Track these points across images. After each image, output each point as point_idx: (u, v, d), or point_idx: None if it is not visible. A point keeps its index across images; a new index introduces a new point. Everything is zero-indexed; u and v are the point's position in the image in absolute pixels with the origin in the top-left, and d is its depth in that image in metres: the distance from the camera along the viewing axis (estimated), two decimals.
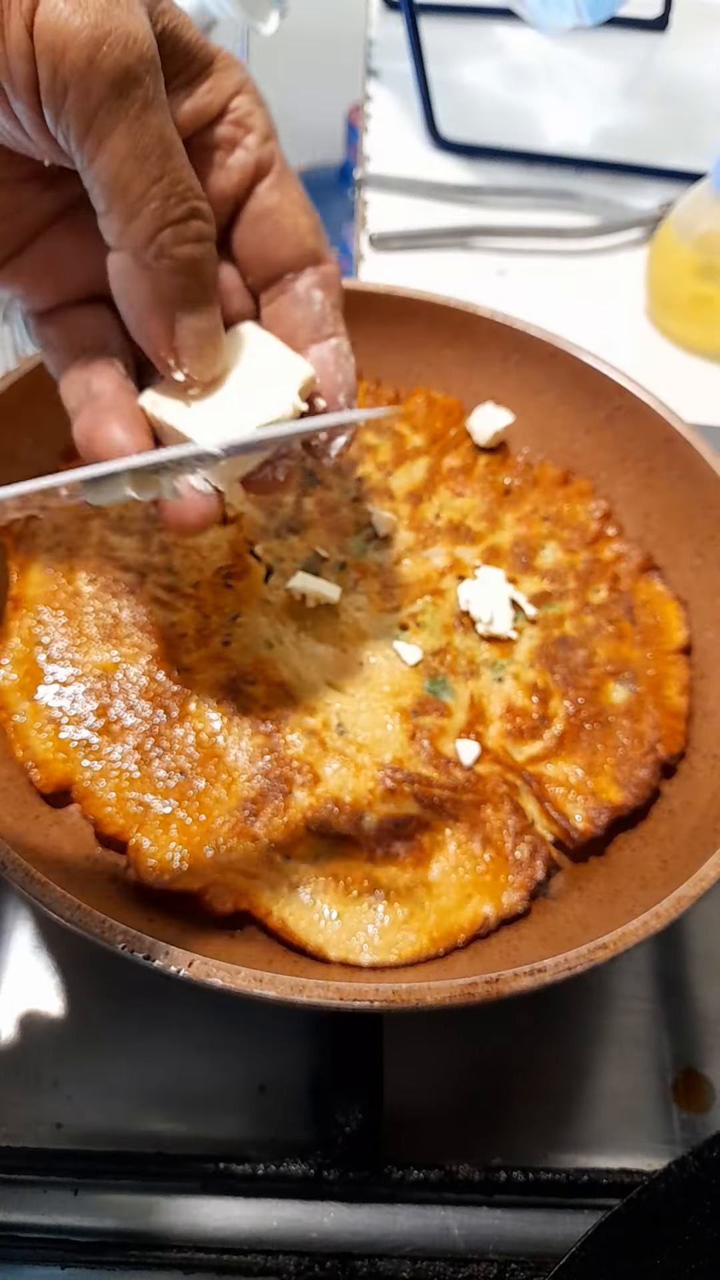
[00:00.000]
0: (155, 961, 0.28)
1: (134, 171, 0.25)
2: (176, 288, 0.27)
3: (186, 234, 0.26)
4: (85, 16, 0.23)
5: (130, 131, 0.24)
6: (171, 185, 0.25)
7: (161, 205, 0.25)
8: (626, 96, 0.83)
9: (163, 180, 0.25)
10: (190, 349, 0.28)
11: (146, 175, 0.25)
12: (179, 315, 0.27)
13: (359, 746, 0.37)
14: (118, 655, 0.37)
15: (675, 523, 0.43)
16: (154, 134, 0.25)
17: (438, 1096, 0.37)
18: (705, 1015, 0.39)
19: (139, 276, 0.26)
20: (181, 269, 0.26)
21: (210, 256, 0.27)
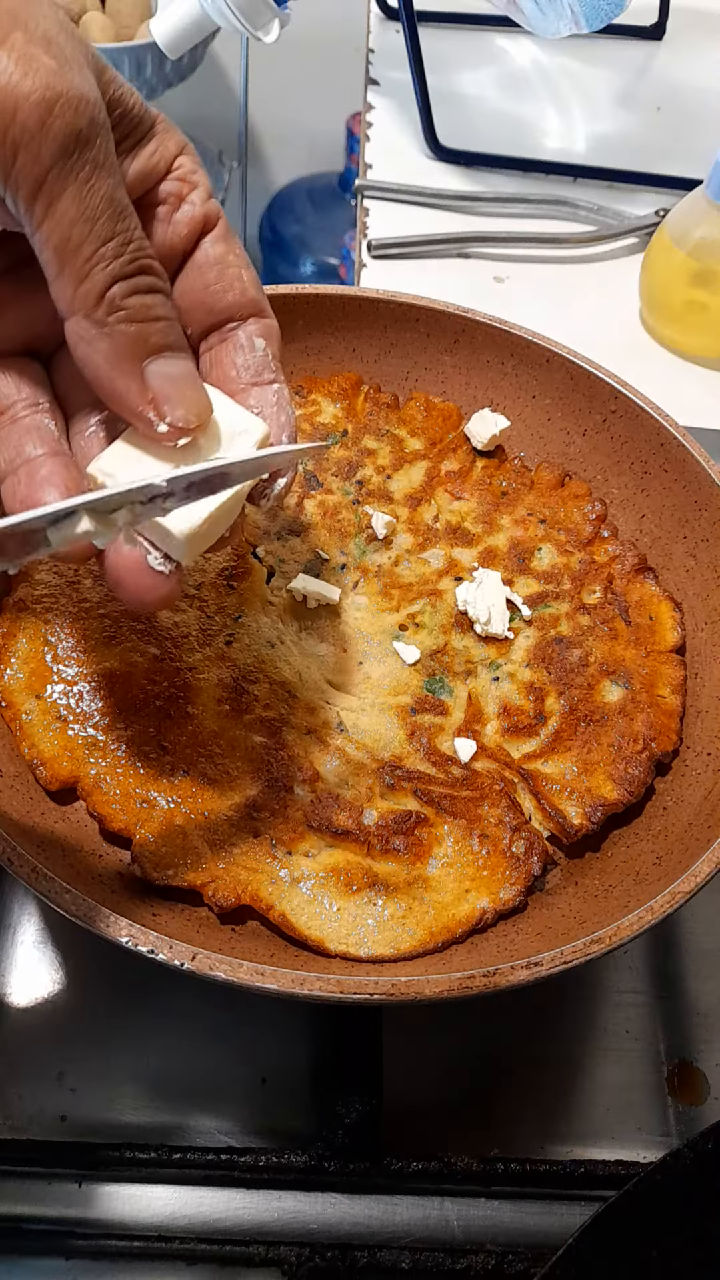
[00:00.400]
0: (159, 955, 0.28)
1: (83, 235, 0.25)
2: (136, 337, 0.26)
3: (138, 285, 0.26)
4: (36, 79, 0.23)
5: (79, 195, 0.24)
6: (121, 245, 0.25)
7: (111, 264, 0.25)
8: (622, 104, 0.84)
9: (112, 241, 0.25)
10: (169, 395, 0.27)
11: (96, 237, 0.25)
12: (147, 365, 0.26)
13: (359, 744, 0.37)
14: (123, 654, 0.37)
15: (669, 525, 0.44)
16: (104, 196, 0.25)
17: (436, 1089, 0.37)
18: (700, 1009, 0.39)
19: (96, 337, 0.26)
20: (137, 317, 0.26)
21: (165, 305, 0.27)
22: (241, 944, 0.33)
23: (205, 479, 0.27)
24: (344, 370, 0.50)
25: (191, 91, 1.27)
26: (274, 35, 0.60)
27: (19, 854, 0.30)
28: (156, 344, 0.27)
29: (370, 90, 0.81)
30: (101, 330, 0.26)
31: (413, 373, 0.50)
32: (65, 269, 0.25)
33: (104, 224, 0.25)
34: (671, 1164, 0.29)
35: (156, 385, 0.27)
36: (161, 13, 0.61)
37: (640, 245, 0.70)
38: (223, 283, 0.30)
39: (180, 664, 0.38)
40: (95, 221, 0.25)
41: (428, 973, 0.30)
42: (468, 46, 0.86)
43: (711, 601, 0.41)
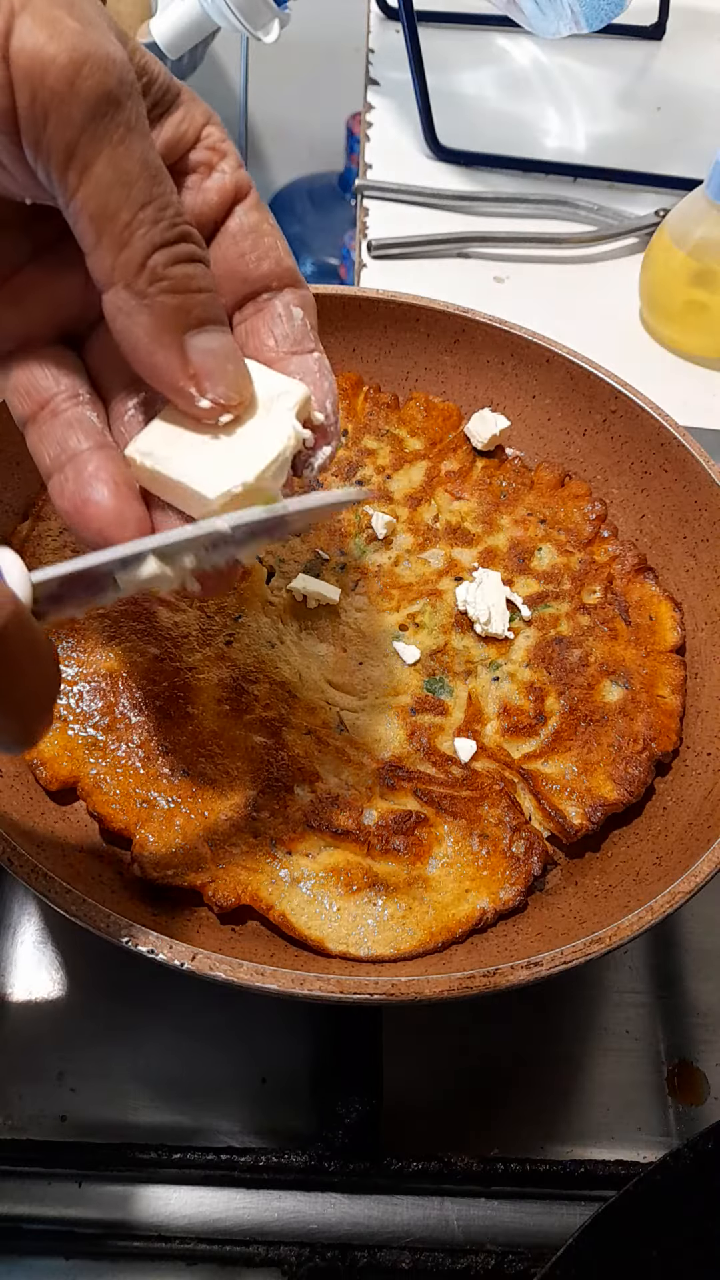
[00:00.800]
0: (159, 955, 0.28)
1: (121, 199, 0.24)
2: (179, 309, 0.25)
3: (179, 254, 0.25)
4: (62, 41, 0.22)
5: (114, 158, 0.23)
6: (160, 210, 0.24)
7: (150, 230, 0.24)
8: (622, 104, 0.84)
9: (150, 205, 0.24)
10: (211, 370, 0.26)
11: (134, 202, 0.24)
12: (188, 339, 0.26)
13: (359, 744, 0.37)
14: (123, 654, 0.37)
15: (669, 525, 0.44)
16: (138, 159, 0.24)
17: (436, 1089, 0.37)
18: (700, 1009, 0.39)
19: (137, 309, 0.25)
20: (179, 288, 0.25)
21: (207, 275, 0.26)
22: (241, 944, 0.33)
23: (265, 526, 0.26)
24: (344, 370, 0.50)
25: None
26: (274, 35, 0.60)
27: (19, 854, 0.30)
28: (199, 317, 0.26)
29: (370, 90, 0.81)
30: (142, 301, 0.25)
31: (413, 373, 0.50)
32: (103, 236, 0.24)
33: (141, 188, 0.24)
34: (671, 1164, 0.29)
35: (198, 360, 0.26)
36: (161, 13, 0.61)
37: (640, 245, 0.70)
38: (258, 251, 0.29)
39: (180, 664, 0.38)
40: (132, 185, 0.24)
41: (428, 973, 0.30)
42: (468, 46, 0.86)
43: (711, 601, 0.41)
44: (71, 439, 0.27)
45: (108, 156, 0.23)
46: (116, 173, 0.23)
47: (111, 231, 0.24)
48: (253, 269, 0.29)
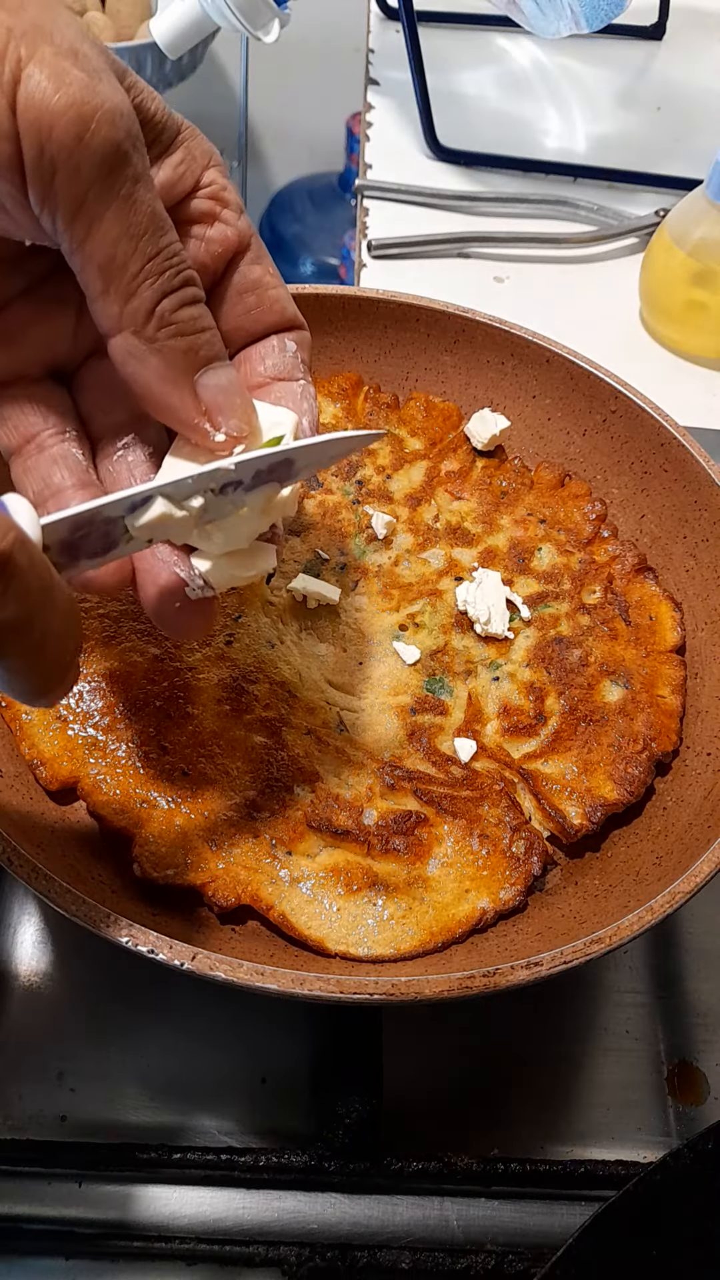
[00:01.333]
0: (159, 955, 0.28)
1: (128, 252, 0.24)
2: (187, 351, 0.26)
3: (185, 298, 0.26)
4: (69, 93, 0.22)
5: (122, 212, 0.24)
6: (166, 260, 0.25)
7: (157, 280, 0.25)
8: (622, 104, 0.84)
9: (157, 257, 0.25)
10: (222, 406, 0.27)
11: (142, 254, 0.24)
12: (199, 378, 0.26)
13: (359, 744, 0.37)
14: (123, 654, 0.37)
15: (669, 525, 0.44)
16: (145, 212, 0.24)
17: (436, 1089, 0.37)
18: (700, 1009, 0.39)
19: (146, 353, 0.26)
20: (186, 330, 0.26)
21: (209, 315, 0.27)
22: (241, 944, 0.33)
23: (271, 466, 0.27)
24: (344, 370, 0.50)
25: (191, 91, 1.27)
26: (274, 35, 0.60)
27: (19, 854, 0.30)
28: (205, 356, 0.27)
29: (370, 90, 0.81)
30: (152, 346, 0.26)
31: (413, 373, 0.50)
32: (111, 287, 0.25)
33: (148, 240, 0.24)
34: (671, 1164, 0.29)
35: (209, 397, 0.27)
36: (161, 13, 0.61)
37: (640, 245, 0.70)
38: (263, 306, 0.30)
39: (180, 664, 0.38)
40: (140, 239, 0.24)
41: (428, 973, 0.30)
42: (468, 46, 0.86)
43: (711, 601, 0.41)
44: (55, 475, 0.28)
45: (116, 210, 0.24)
46: (124, 226, 0.24)
47: (119, 282, 0.25)
48: (257, 323, 0.30)
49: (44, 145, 0.22)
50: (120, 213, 0.24)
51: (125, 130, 0.23)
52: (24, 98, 0.22)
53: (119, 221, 0.24)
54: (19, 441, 0.28)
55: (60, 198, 0.23)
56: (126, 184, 0.24)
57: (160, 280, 0.25)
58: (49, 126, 0.22)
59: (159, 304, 0.25)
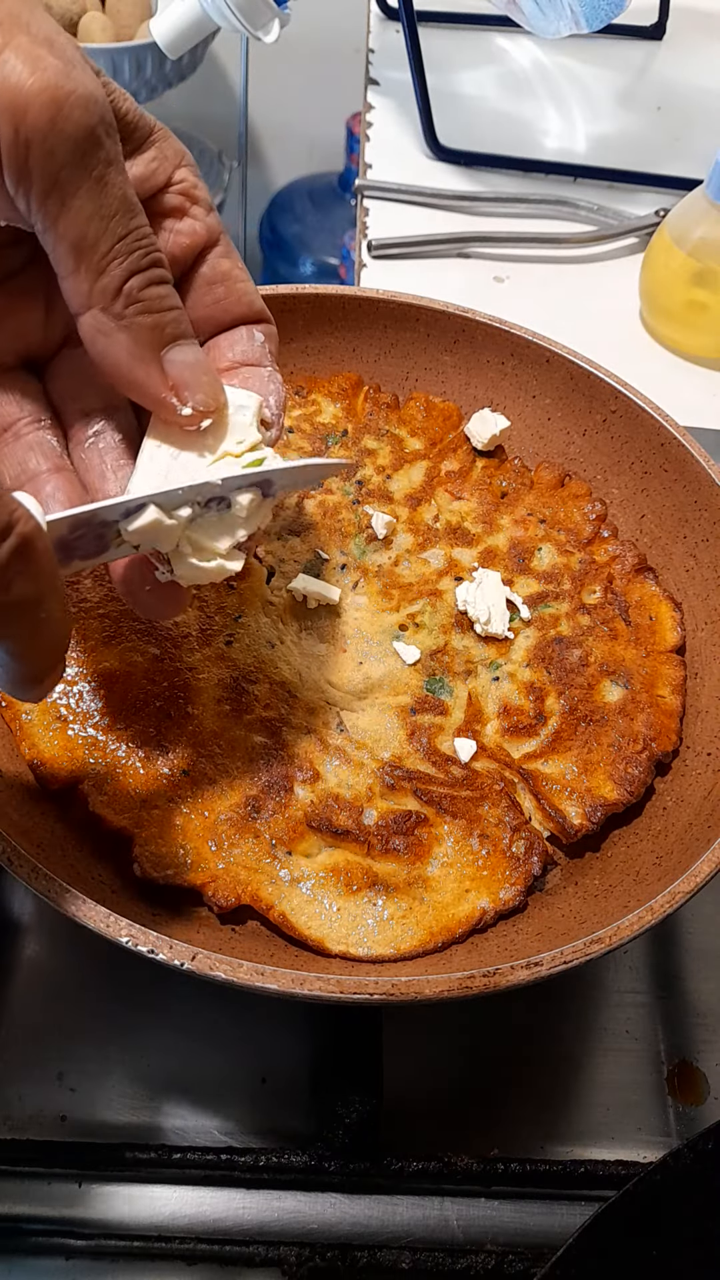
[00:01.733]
0: (159, 955, 0.28)
1: (99, 231, 0.25)
2: (154, 328, 0.27)
3: (152, 277, 0.27)
4: (44, 77, 0.23)
5: (94, 192, 0.25)
6: (135, 241, 0.26)
7: (126, 260, 0.26)
8: (622, 104, 0.84)
9: (127, 238, 0.26)
10: (188, 381, 0.28)
11: (112, 234, 0.25)
12: (166, 354, 0.27)
13: (359, 744, 0.37)
14: (123, 654, 0.37)
15: (669, 525, 0.44)
16: (117, 194, 0.25)
17: (436, 1089, 0.37)
18: (700, 1009, 0.39)
19: (114, 330, 0.26)
20: (154, 308, 0.27)
21: (175, 295, 0.28)
22: (241, 944, 0.33)
23: (251, 482, 0.29)
24: (344, 370, 0.50)
25: (191, 91, 1.27)
26: (274, 35, 0.60)
27: (19, 854, 0.30)
28: (172, 333, 0.27)
29: (370, 90, 0.81)
30: (120, 323, 0.26)
31: (413, 373, 0.50)
32: (81, 265, 0.25)
33: (119, 221, 0.25)
34: (671, 1164, 0.29)
35: (175, 373, 0.27)
36: (161, 13, 0.61)
37: (640, 245, 0.70)
38: (231, 298, 0.31)
39: (180, 664, 0.38)
40: (110, 219, 0.25)
41: (428, 973, 0.30)
42: (468, 46, 0.86)
43: (711, 601, 0.41)
44: (31, 460, 0.29)
45: (88, 191, 0.25)
46: (96, 206, 0.25)
47: (90, 260, 0.25)
48: (225, 314, 0.31)
49: (19, 126, 0.23)
50: (92, 193, 0.25)
51: (99, 116, 0.24)
52: (1, 78, 0.23)
53: (90, 201, 0.25)
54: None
55: (34, 176, 0.24)
56: (99, 166, 0.25)
57: (129, 260, 0.26)
58: (23, 108, 0.23)
59: (127, 282, 0.26)
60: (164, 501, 0.27)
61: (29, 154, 0.24)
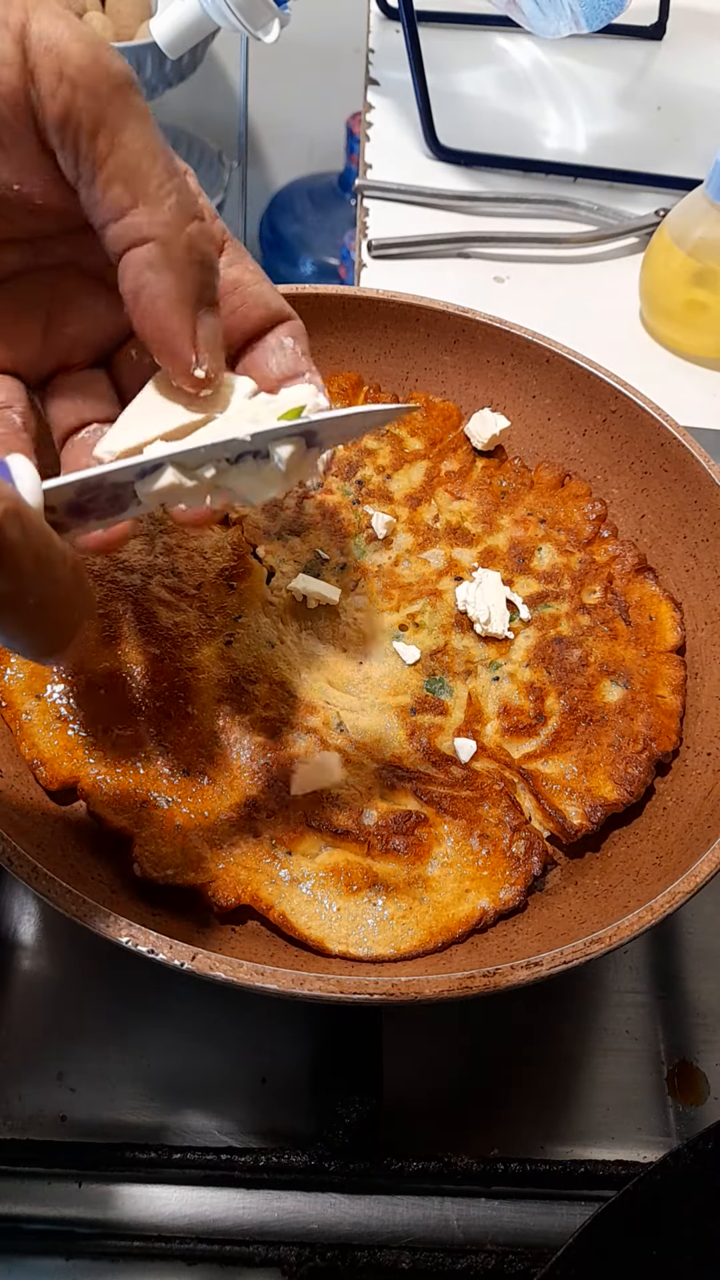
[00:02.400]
0: (159, 955, 0.28)
1: (152, 164, 0.25)
2: (204, 284, 0.27)
3: (209, 234, 0.27)
4: (79, 32, 0.24)
5: (143, 129, 0.25)
6: (184, 190, 0.26)
7: (180, 200, 0.26)
8: (622, 104, 0.84)
9: (176, 179, 0.26)
10: (210, 345, 0.28)
11: (164, 169, 0.25)
12: (200, 314, 0.27)
13: (359, 744, 0.37)
14: (123, 655, 0.37)
15: (669, 525, 0.44)
16: (159, 139, 0.25)
17: (436, 1089, 0.37)
18: (700, 1009, 0.39)
19: (165, 270, 0.26)
20: (207, 266, 0.27)
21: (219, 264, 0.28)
22: (241, 944, 0.33)
23: (293, 435, 0.27)
24: (344, 370, 0.50)
25: (191, 91, 1.27)
26: (274, 35, 0.60)
27: (19, 854, 0.30)
28: (210, 298, 0.27)
29: (370, 90, 0.81)
30: (174, 266, 0.26)
31: (413, 373, 0.50)
32: (140, 198, 0.25)
33: (165, 162, 0.25)
34: (671, 1164, 0.29)
35: (203, 335, 0.27)
36: (161, 13, 0.61)
37: (640, 245, 0.70)
38: (247, 305, 0.31)
39: (180, 664, 0.38)
40: (159, 156, 0.25)
41: (428, 973, 0.30)
42: (468, 46, 0.86)
43: (711, 601, 0.41)
44: None
45: (135, 127, 0.25)
46: (145, 140, 0.25)
47: (146, 191, 0.25)
48: (244, 321, 0.31)
49: (62, 69, 0.24)
50: (140, 129, 0.25)
51: (128, 76, 0.25)
52: (36, 34, 0.24)
53: (140, 136, 0.25)
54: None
55: (83, 115, 0.24)
56: (141, 108, 0.25)
57: (183, 201, 0.26)
58: (65, 55, 0.24)
59: (189, 225, 0.26)
60: (185, 460, 0.26)
61: (75, 94, 0.24)
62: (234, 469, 0.27)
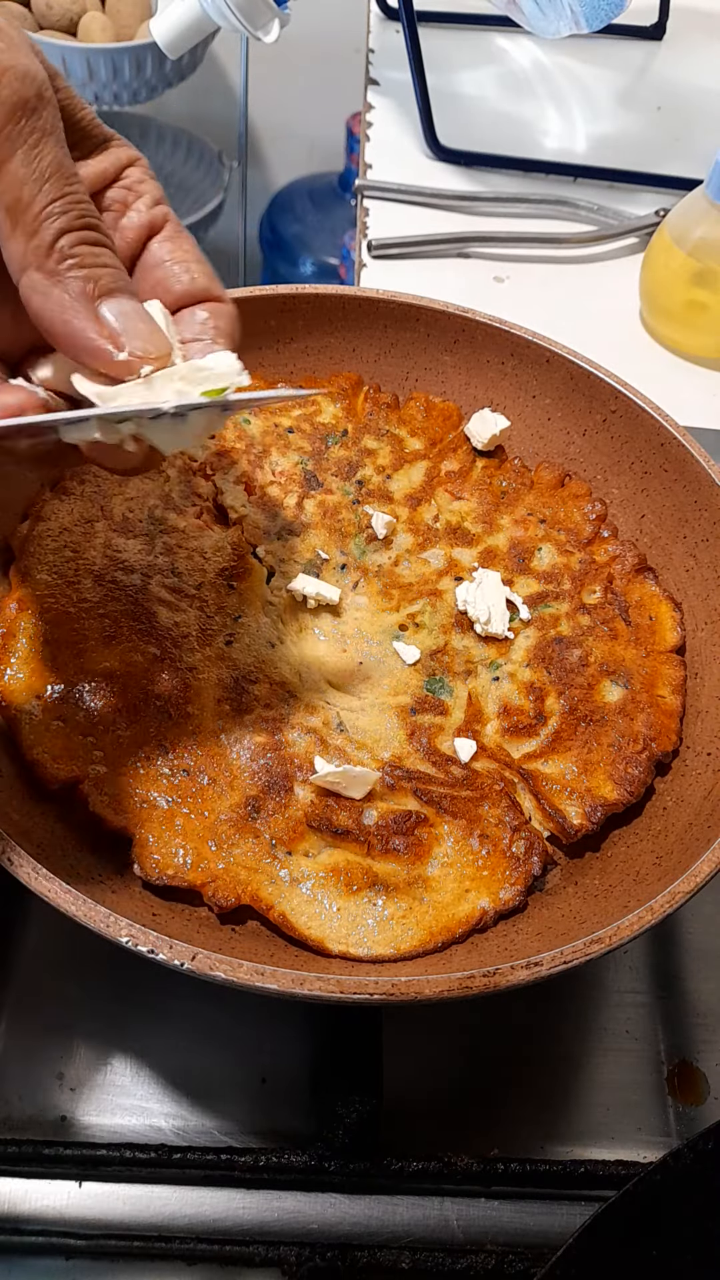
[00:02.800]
0: (159, 955, 0.28)
1: (33, 194, 0.26)
2: (86, 280, 0.28)
3: (85, 237, 0.27)
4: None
5: (29, 158, 0.26)
6: (70, 204, 0.27)
7: (59, 219, 0.27)
8: (622, 104, 0.84)
9: (61, 200, 0.27)
10: (125, 329, 0.28)
11: (46, 196, 0.26)
12: (99, 306, 0.28)
13: (359, 744, 0.37)
14: (123, 654, 0.37)
15: (669, 525, 0.44)
16: (52, 161, 0.26)
17: (436, 1089, 0.37)
18: (700, 1009, 0.39)
19: (49, 286, 0.27)
20: (86, 263, 0.27)
21: (113, 256, 0.28)
22: (241, 944, 0.33)
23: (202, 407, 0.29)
24: (344, 370, 0.50)
25: (191, 91, 1.27)
26: (274, 35, 0.60)
27: (19, 854, 0.30)
28: (107, 286, 0.28)
29: (370, 90, 0.81)
30: (53, 280, 0.27)
31: (413, 373, 0.50)
32: (17, 227, 0.27)
33: (52, 185, 0.27)
34: (671, 1164, 0.28)
35: (112, 321, 0.28)
36: (161, 13, 0.61)
37: (640, 245, 0.70)
38: (169, 279, 0.32)
39: (180, 664, 0.38)
40: (44, 182, 0.26)
41: (428, 973, 0.30)
42: (468, 46, 0.86)
43: (711, 601, 0.41)
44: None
45: (23, 156, 0.26)
46: (30, 170, 0.26)
47: (24, 221, 0.27)
48: (168, 294, 0.31)
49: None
50: (26, 159, 0.26)
51: (35, 90, 0.26)
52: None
53: (25, 166, 0.26)
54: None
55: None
56: (34, 134, 0.26)
57: (62, 220, 0.27)
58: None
59: (59, 240, 0.27)
60: (109, 416, 0.28)
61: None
62: (152, 424, 0.29)
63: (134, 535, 0.42)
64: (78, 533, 0.41)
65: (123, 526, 0.42)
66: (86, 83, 1.12)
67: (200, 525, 0.43)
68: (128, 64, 1.10)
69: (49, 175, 0.26)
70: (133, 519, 0.42)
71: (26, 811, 0.34)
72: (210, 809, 0.34)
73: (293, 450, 0.46)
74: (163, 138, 1.40)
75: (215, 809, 0.34)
